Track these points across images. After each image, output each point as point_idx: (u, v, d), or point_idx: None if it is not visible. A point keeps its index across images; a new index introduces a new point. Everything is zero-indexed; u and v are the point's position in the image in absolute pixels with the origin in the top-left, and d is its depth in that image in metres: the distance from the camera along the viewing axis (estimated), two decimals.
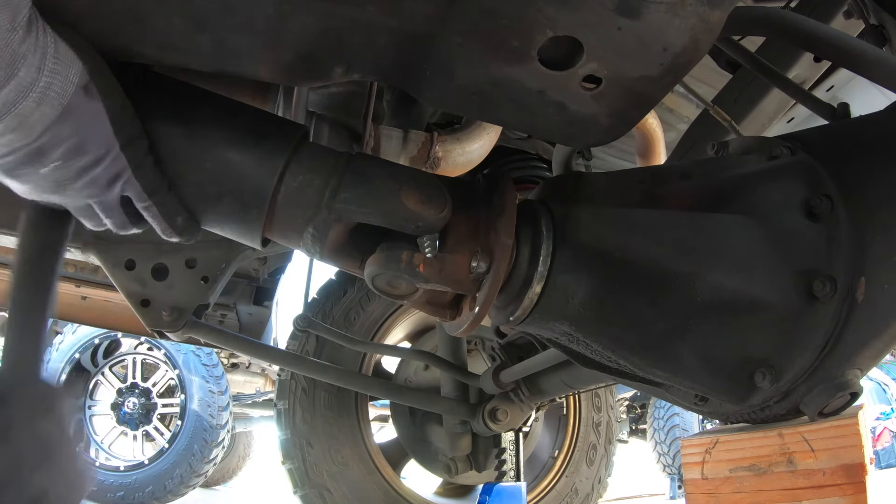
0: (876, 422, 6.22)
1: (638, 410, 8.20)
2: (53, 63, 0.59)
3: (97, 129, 0.67)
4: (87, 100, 0.64)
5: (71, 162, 0.66)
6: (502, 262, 0.78)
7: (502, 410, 1.99)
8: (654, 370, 0.83)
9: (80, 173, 0.68)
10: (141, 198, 0.74)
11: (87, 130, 0.65)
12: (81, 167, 0.67)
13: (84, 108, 0.64)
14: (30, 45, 0.56)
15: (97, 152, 0.67)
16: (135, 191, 0.73)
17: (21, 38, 0.55)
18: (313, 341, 2.28)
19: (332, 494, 2.19)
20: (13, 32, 0.54)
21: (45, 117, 0.61)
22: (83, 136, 0.65)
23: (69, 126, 0.63)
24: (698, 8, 0.63)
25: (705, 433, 0.92)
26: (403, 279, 0.78)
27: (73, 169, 0.67)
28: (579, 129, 0.80)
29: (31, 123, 0.60)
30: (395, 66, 0.76)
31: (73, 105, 0.62)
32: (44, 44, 0.58)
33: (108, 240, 1.37)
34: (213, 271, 1.41)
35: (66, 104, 0.62)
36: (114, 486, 4.59)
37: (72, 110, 0.62)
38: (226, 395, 4.94)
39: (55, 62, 0.59)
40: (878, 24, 1.09)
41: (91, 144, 0.67)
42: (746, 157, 0.88)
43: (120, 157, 0.70)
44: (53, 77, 0.59)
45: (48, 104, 0.60)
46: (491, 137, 1.67)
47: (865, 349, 0.74)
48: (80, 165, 0.67)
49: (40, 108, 0.59)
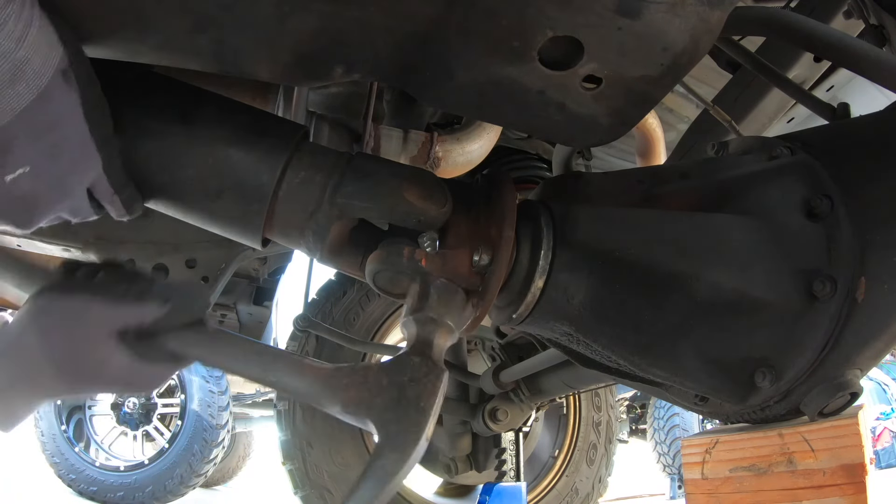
0: (876, 422, 6.22)
1: (638, 410, 8.20)
2: (36, 37, 0.53)
3: (71, 123, 0.60)
4: (65, 86, 0.58)
5: (43, 168, 0.59)
6: (505, 255, 0.78)
7: (502, 410, 1.99)
8: (654, 370, 0.83)
9: (54, 183, 0.61)
10: (107, 195, 0.70)
11: (62, 126, 0.59)
12: (55, 175, 0.61)
13: (61, 96, 0.58)
14: (12, 11, 0.51)
15: (72, 154, 0.61)
16: (102, 188, 0.69)
17: (3, 3, 0.50)
18: (313, 341, 2.28)
19: (332, 495, 2.19)
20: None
21: (19, 98, 0.54)
22: (58, 134, 0.59)
23: (44, 115, 0.57)
24: (698, 8, 0.63)
25: (705, 433, 0.92)
26: (405, 275, 0.78)
27: (46, 179, 0.60)
28: (579, 129, 0.80)
29: (1, 105, 0.54)
30: (395, 66, 0.76)
31: (50, 91, 0.56)
32: (28, 15, 0.53)
33: (108, 240, 1.37)
34: (213, 271, 1.41)
35: (43, 88, 0.56)
36: (114, 486, 4.59)
37: (48, 97, 0.56)
38: (226, 395, 4.94)
39: (38, 37, 0.54)
40: (878, 24, 1.09)
41: (66, 145, 0.60)
42: (746, 157, 0.88)
43: (94, 156, 0.64)
44: (33, 53, 0.53)
45: (23, 83, 0.54)
46: (491, 137, 1.67)
47: (865, 349, 0.74)
48: (53, 173, 0.60)
49: (14, 86, 0.53)
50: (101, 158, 0.65)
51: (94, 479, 4.59)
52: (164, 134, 0.75)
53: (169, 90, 0.80)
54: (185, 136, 0.76)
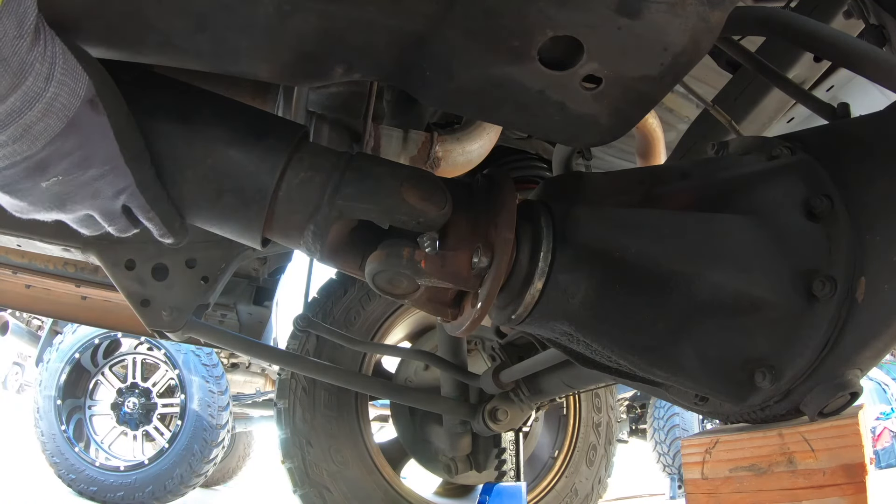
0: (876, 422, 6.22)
1: (638, 410, 8.19)
2: (62, 74, 0.58)
3: (101, 143, 0.66)
4: (92, 114, 0.64)
5: (73, 176, 0.65)
6: (504, 257, 0.78)
7: (502, 410, 1.99)
8: (654, 370, 0.83)
9: (83, 187, 0.67)
10: (144, 209, 0.75)
11: (91, 145, 0.65)
12: (84, 181, 0.67)
13: (89, 122, 0.63)
14: (38, 54, 0.55)
15: (101, 167, 0.67)
16: (138, 203, 0.74)
17: (29, 46, 0.54)
18: (313, 341, 2.28)
19: (331, 494, 2.19)
20: (20, 39, 0.53)
21: (49, 129, 0.60)
22: (87, 150, 0.65)
23: (73, 140, 0.62)
24: (698, 8, 0.63)
25: (705, 433, 0.92)
26: (405, 276, 0.78)
27: (76, 183, 0.66)
28: (579, 128, 0.80)
29: (34, 134, 0.59)
30: (395, 65, 0.76)
31: (78, 118, 0.62)
32: (52, 53, 0.57)
33: (108, 240, 1.37)
34: (213, 271, 1.41)
35: (72, 117, 0.61)
36: (114, 486, 4.58)
37: (77, 124, 0.62)
38: (226, 395, 4.94)
39: (63, 73, 0.58)
40: (878, 24, 1.09)
41: (95, 159, 0.66)
42: (746, 157, 0.88)
43: (125, 171, 0.70)
44: (60, 88, 0.59)
45: (53, 116, 0.59)
46: (491, 137, 1.67)
47: (865, 349, 0.74)
48: (83, 179, 0.66)
49: (45, 119, 0.58)
50: (131, 173, 0.70)
51: (94, 479, 4.59)
52: (164, 134, 0.75)
53: (169, 90, 0.80)
54: (184, 136, 0.76)
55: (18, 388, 11.43)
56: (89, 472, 4.62)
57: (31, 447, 4.86)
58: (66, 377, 4.79)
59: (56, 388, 4.74)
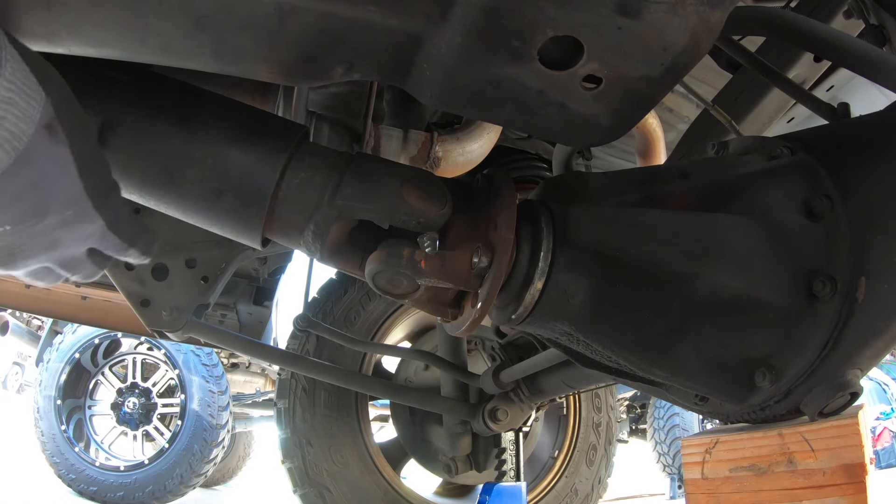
0: (876, 422, 6.23)
1: (638, 410, 8.19)
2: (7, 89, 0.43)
3: (61, 182, 0.51)
4: (50, 143, 0.48)
5: (25, 225, 0.50)
6: (504, 257, 0.78)
7: (502, 410, 1.99)
8: (654, 370, 0.83)
9: (37, 237, 0.52)
10: (119, 249, 0.61)
11: (48, 184, 0.50)
12: (39, 231, 0.52)
13: (46, 154, 0.48)
14: None
15: (61, 212, 0.51)
16: (111, 244, 0.60)
17: None
18: (313, 341, 2.28)
19: (331, 494, 2.19)
20: None
21: None
22: (43, 192, 0.49)
23: (24, 178, 0.47)
24: (698, 8, 0.63)
25: (705, 433, 0.92)
26: (405, 276, 0.78)
27: (28, 234, 0.51)
28: (579, 128, 0.80)
29: None
30: (395, 65, 0.76)
31: (31, 150, 0.47)
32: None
33: None
34: (213, 271, 1.41)
35: (23, 150, 0.46)
36: (114, 486, 4.58)
37: (29, 158, 0.47)
38: (226, 395, 4.94)
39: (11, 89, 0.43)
40: (878, 24, 1.09)
41: (54, 202, 0.51)
42: (746, 157, 0.88)
43: (92, 215, 0.55)
44: (7, 110, 0.43)
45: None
46: (491, 137, 1.67)
47: (865, 349, 0.74)
48: (38, 229, 0.51)
49: None
50: (101, 217, 0.56)
51: (94, 479, 4.59)
52: (164, 134, 0.75)
53: (168, 90, 0.80)
54: (184, 136, 0.76)
55: (18, 388, 11.43)
56: (89, 472, 4.61)
57: (31, 447, 4.86)
58: (66, 377, 4.79)
59: (56, 388, 4.74)
